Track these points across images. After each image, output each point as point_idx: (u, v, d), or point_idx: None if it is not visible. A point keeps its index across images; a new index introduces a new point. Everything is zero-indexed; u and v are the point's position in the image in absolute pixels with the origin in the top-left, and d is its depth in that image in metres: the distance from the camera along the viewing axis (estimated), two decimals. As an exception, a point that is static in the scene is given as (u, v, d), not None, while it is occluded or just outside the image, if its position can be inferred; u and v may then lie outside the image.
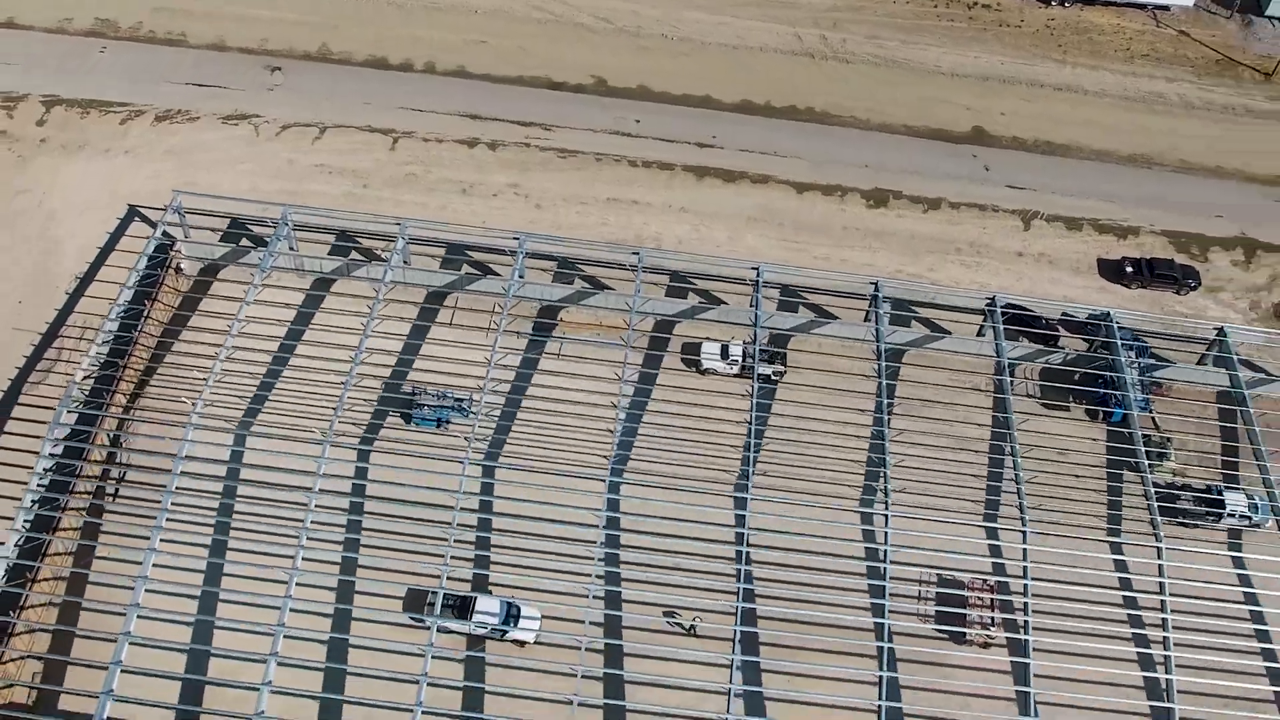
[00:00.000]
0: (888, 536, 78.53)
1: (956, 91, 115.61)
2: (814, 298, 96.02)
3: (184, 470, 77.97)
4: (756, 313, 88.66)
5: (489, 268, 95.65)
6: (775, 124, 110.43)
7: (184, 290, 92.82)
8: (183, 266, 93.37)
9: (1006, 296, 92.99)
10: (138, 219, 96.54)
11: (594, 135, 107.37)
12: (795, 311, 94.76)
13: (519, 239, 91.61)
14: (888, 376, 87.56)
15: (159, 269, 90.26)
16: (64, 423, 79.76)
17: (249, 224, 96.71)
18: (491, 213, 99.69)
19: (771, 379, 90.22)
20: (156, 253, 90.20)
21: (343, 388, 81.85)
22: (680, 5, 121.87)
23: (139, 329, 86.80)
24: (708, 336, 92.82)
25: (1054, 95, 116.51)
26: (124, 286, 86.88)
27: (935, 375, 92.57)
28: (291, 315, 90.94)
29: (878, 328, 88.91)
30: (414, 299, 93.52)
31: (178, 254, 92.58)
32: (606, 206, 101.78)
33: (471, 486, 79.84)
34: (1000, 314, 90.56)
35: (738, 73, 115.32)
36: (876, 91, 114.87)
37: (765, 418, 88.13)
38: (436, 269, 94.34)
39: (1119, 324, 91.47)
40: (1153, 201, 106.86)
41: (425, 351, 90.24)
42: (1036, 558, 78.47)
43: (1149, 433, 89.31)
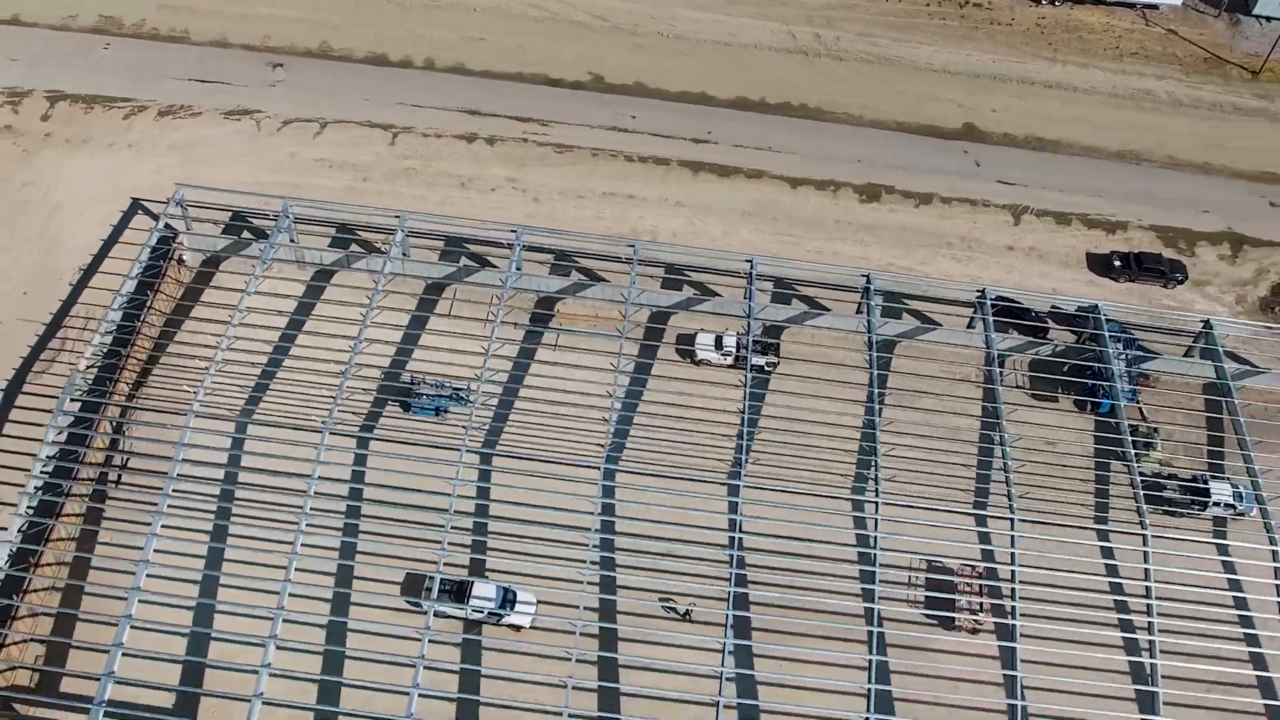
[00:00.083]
0: (878, 524, 79.71)
1: (948, 88, 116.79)
2: (807, 290, 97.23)
3: (185, 457, 79.20)
4: (750, 304, 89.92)
5: (487, 260, 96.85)
6: (769, 120, 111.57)
7: (186, 282, 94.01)
8: (185, 258, 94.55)
9: (996, 289, 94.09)
10: (141, 212, 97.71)
11: (591, 131, 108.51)
12: (789, 303, 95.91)
13: (516, 232, 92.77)
14: (879, 368, 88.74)
15: (161, 261, 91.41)
16: (68, 410, 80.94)
17: (250, 217, 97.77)
18: (489, 206, 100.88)
19: (765, 369, 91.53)
20: (159, 245, 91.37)
21: (342, 377, 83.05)
22: (676, 3, 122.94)
23: (141, 319, 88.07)
24: (702, 328, 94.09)
25: (1044, 92, 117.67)
26: (127, 278, 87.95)
27: (926, 366, 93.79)
28: (292, 306, 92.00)
29: (869, 320, 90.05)
30: (413, 291, 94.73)
31: (180, 246, 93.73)
32: (603, 201, 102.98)
33: (469, 474, 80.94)
34: (990, 307, 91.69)
35: (733, 70, 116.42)
36: (869, 88, 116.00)
37: (759, 407, 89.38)
38: (435, 261, 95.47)
39: (1107, 317, 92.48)
40: (1141, 197, 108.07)
41: (424, 342, 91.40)
42: (1024, 545, 79.62)
43: (1136, 423, 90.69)
